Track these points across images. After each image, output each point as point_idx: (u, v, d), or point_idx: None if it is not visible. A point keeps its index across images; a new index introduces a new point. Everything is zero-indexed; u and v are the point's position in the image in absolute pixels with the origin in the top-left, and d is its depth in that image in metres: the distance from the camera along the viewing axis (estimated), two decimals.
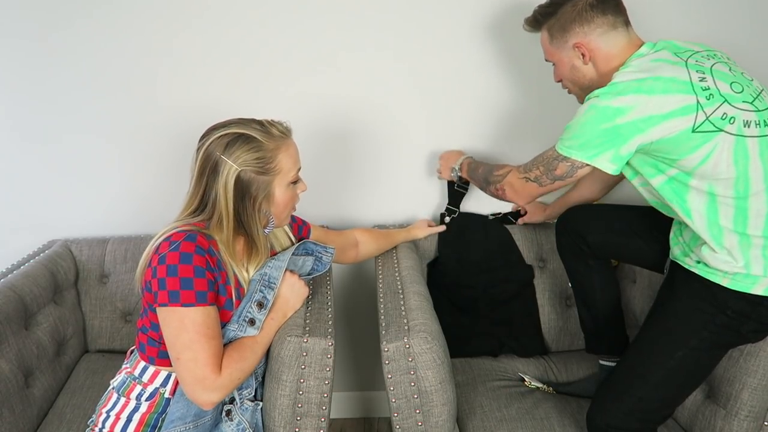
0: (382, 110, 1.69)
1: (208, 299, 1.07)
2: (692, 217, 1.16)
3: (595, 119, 1.14)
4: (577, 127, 1.17)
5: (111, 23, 1.59)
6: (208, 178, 1.12)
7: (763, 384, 1.21)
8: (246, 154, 1.11)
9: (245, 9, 1.60)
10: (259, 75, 1.65)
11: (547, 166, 1.24)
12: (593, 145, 1.15)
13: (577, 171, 1.20)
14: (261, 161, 1.12)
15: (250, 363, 1.13)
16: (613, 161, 1.15)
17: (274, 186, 1.16)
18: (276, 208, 1.19)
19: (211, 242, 1.11)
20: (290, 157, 1.17)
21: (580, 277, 1.52)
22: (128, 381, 1.18)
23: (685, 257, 1.22)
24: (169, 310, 1.05)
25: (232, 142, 1.11)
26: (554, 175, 1.23)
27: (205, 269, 1.07)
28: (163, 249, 1.06)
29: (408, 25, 1.61)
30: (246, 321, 1.15)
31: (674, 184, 1.17)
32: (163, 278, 1.05)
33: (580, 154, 1.17)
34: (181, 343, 1.05)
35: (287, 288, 1.22)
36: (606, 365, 1.47)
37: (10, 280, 1.44)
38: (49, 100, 1.65)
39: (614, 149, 1.13)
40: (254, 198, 1.14)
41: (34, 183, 1.71)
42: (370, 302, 1.81)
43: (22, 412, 1.32)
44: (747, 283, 1.13)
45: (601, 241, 1.44)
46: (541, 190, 1.29)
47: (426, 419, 1.18)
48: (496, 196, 1.41)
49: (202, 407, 1.09)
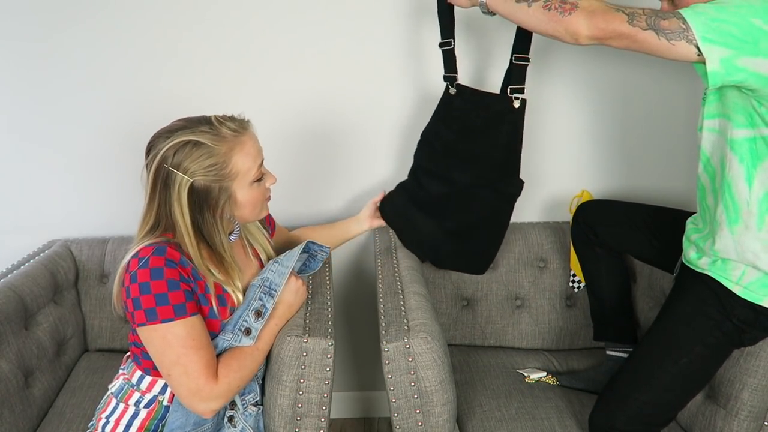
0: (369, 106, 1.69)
1: (188, 310, 1.03)
2: (752, 185, 1.05)
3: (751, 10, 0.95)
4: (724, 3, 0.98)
5: (110, 24, 1.59)
6: (160, 192, 1.05)
7: (763, 384, 1.21)
8: (196, 162, 1.03)
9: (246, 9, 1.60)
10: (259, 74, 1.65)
11: (657, 12, 1.02)
12: (722, 31, 0.96)
13: (679, 42, 0.98)
14: (214, 168, 1.04)
15: (251, 370, 1.11)
16: (723, 64, 0.96)
17: (234, 190, 1.08)
18: (243, 209, 1.12)
19: (183, 253, 1.06)
20: (246, 155, 1.08)
21: (589, 265, 1.54)
22: (126, 388, 1.16)
23: (699, 260, 1.20)
24: (149, 329, 1.01)
25: (180, 151, 1.03)
26: (655, 24, 0.99)
27: (178, 281, 1.02)
28: (132, 267, 1.02)
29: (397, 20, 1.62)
30: (241, 330, 1.12)
31: (758, 145, 1.04)
32: (137, 297, 1.00)
33: (701, 28, 0.96)
34: (168, 360, 1.02)
35: (291, 294, 1.19)
36: (612, 355, 1.47)
37: (10, 280, 1.44)
38: (48, 101, 1.64)
39: (739, 52, 0.95)
40: (214, 207, 1.07)
41: (33, 183, 1.71)
42: (370, 302, 1.81)
43: (22, 412, 1.32)
44: (760, 294, 1.12)
45: (610, 233, 1.45)
46: (622, 30, 1.02)
47: (426, 419, 1.18)
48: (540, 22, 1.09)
49: (202, 416, 1.08)
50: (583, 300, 1.68)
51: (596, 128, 1.74)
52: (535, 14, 1.11)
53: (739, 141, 1.06)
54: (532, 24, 1.14)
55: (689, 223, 1.28)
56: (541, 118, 1.70)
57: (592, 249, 1.51)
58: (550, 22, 1.08)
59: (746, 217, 1.10)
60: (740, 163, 1.07)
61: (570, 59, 1.66)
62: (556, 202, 1.79)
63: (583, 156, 1.76)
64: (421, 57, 1.64)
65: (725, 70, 0.97)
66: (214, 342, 1.10)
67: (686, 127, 1.72)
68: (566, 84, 1.68)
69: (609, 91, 1.69)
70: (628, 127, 1.73)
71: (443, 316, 1.71)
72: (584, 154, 1.75)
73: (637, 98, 1.70)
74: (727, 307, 1.15)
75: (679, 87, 1.68)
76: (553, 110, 1.71)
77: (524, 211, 1.79)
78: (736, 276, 1.14)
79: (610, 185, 1.77)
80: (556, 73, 1.67)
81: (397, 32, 1.63)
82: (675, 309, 1.23)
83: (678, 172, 1.76)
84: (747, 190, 1.08)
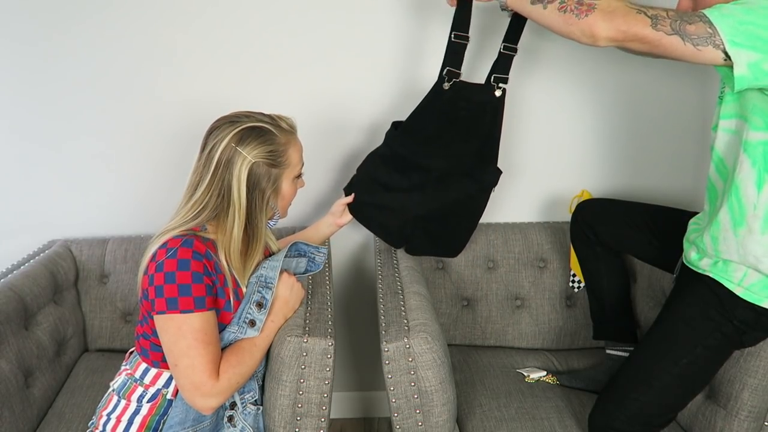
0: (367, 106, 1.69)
1: (207, 304, 1.07)
2: (762, 189, 1.04)
3: None
4: (751, 4, 0.94)
5: (109, 24, 1.59)
6: (221, 172, 1.12)
7: (763, 384, 1.21)
8: (260, 146, 1.13)
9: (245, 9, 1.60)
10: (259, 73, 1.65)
11: (682, 15, 0.98)
12: (751, 34, 0.92)
13: (706, 47, 0.95)
14: (273, 154, 1.15)
15: (249, 367, 1.12)
16: (751, 68, 0.93)
17: (282, 179, 1.18)
18: (282, 201, 1.22)
19: (207, 245, 1.10)
20: (297, 151, 1.21)
21: (588, 264, 1.54)
22: (129, 383, 1.17)
23: (700, 261, 1.20)
24: (166, 317, 1.05)
25: (246, 135, 1.13)
26: (680, 29, 0.96)
27: (202, 274, 1.06)
28: (159, 256, 1.06)
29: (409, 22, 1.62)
30: (246, 323, 1.14)
31: None
32: (160, 285, 1.04)
33: (729, 31, 0.93)
34: (178, 349, 1.05)
35: (286, 289, 1.21)
36: (612, 354, 1.47)
37: (10, 280, 1.44)
38: (48, 101, 1.64)
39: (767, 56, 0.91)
40: (263, 191, 1.16)
41: (33, 183, 1.71)
42: (370, 302, 1.81)
43: (22, 412, 1.32)
44: (761, 296, 1.12)
45: (609, 232, 1.45)
46: (645, 33, 0.98)
47: (426, 419, 1.18)
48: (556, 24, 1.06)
49: (201, 412, 1.09)
50: (583, 300, 1.68)
51: (596, 128, 1.74)
52: (551, 16, 1.08)
53: (753, 144, 1.04)
54: (549, 25, 1.11)
55: (692, 223, 1.28)
56: (541, 118, 1.70)
57: (592, 248, 1.51)
58: (565, 24, 1.06)
59: (751, 221, 1.09)
60: (752, 167, 1.05)
61: (570, 58, 1.66)
62: (556, 202, 1.79)
63: (583, 156, 1.75)
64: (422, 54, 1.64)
65: (753, 74, 0.94)
66: (221, 335, 1.12)
67: (687, 126, 1.72)
68: (567, 84, 1.68)
69: (609, 91, 1.69)
70: (628, 126, 1.73)
71: (443, 316, 1.71)
72: (584, 154, 1.75)
73: (638, 98, 1.70)
74: (727, 308, 1.14)
75: (681, 86, 1.68)
76: (553, 110, 1.71)
77: (524, 211, 1.79)
78: (738, 277, 1.14)
79: (610, 185, 1.77)
80: (557, 72, 1.67)
81: (400, 32, 1.63)
82: (675, 310, 1.22)
83: (679, 171, 1.76)
84: (756, 194, 1.06)
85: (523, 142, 1.70)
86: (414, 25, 1.62)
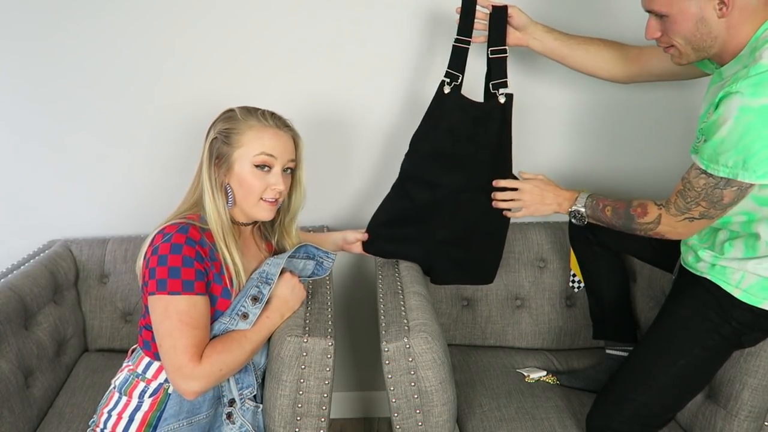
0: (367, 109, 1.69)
1: (195, 289, 1.08)
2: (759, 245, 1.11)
3: (756, 125, 0.93)
4: (736, 139, 0.96)
5: (109, 24, 1.60)
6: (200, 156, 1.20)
7: (763, 384, 1.21)
8: (220, 124, 1.19)
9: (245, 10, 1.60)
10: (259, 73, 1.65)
11: (710, 198, 1.05)
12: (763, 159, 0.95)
13: (747, 192, 1.01)
14: (228, 131, 1.17)
15: (236, 357, 1.11)
16: None
17: (234, 159, 1.17)
18: (240, 188, 1.18)
19: (204, 233, 1.13)
20: (260, 138, 1.17)
21: (588, 264, 1.54)
22: (131, 378, 1.18)
23: (697, 263, 1.20)
24: (156, 298, 1.07)
25: (218, 117, 1.21)
26: (723, 205, 1.05)
27: (193, 259, 1.08)
28: (156, 241, 1.10)
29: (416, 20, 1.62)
30: (238, 315, 1.15)
31: None
32: (153, 267, 1.08)
33: (747, 175, 0.96)
34: (163, 329, 1.07)
35: (286, 288, 1.21)
36: (612, 354, 1.47)
37: (10, 280, 1.44)
38: (48, 101, 1.64)
39: None
40: (218, 167, 1.17)
41: (33, 183, 1.71)
42: (370, 302, 1.81)
43: (22, 412, 1.32)
44: (760, 297, 1.12)
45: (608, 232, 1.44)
46: (713, 222, 1.12)
47: (426, 419, 1.18)
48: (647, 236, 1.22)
49: (184, 396, 1.08)
50: (583, 300, 1.68)
51: (596, 128, 1.74)
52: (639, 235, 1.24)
53: None
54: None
55: None
56: (541, 118, 1.70)
57: (591, 248, 1.51)
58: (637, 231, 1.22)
59: (764, 253, 1.12)
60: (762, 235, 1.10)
61: None
62: None
63: (582, 156, 1.75)
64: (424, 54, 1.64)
65: None
66: (212, 325, 1.13)
67: (689, 129, 1.72)
68: (567, 85, 1.68)
69: (610, 92, 1.69)
70: (628, 127, 1.73)
71: (443, 316, 1.71)
72: (584, 154, 1.75)
73: (638, 99, 1.70)
74: (726, 310, 1.15)
75: (681, 91, 1.68)
76: (552, 110, 1.71)
77: None
78: (736, 279, 1.14)
79: (609, 185, 1.77)
80: (557, 74, 1.66)
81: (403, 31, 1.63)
82: (673, 311, 1.23)
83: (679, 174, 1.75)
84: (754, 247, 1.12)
85: (522, 141, 1.70)
86: (417, 24, 1.62)
